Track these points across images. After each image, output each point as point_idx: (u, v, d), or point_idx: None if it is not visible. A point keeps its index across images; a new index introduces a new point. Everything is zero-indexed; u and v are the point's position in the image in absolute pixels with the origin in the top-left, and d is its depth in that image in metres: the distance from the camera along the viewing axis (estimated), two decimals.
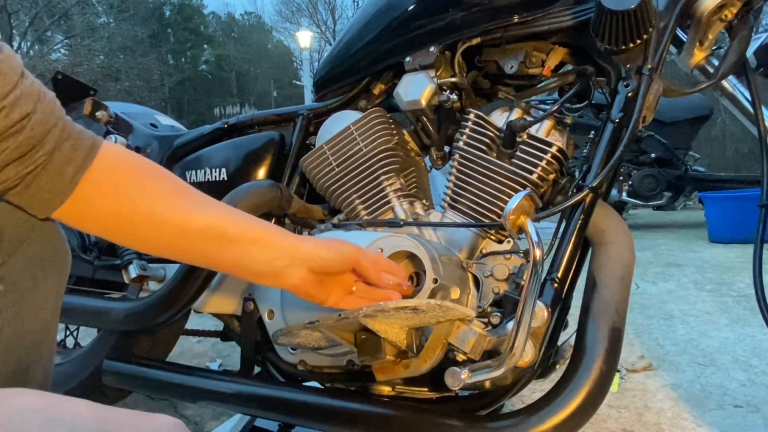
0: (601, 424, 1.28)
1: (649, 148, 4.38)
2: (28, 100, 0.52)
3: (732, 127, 11.86)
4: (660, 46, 0.81)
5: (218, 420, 1.33)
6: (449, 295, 0.77)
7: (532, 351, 0.71)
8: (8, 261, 0.57)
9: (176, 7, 28.44)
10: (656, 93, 0.82)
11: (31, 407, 0.40)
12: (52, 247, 0.62)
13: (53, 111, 0.55)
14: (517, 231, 0.72)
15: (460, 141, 0.88)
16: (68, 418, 0.40)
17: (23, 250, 0.59)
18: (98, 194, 0.58)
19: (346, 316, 0.64)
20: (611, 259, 0.79)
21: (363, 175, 0.93)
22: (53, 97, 0.56)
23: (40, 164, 0.54)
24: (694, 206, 5.43)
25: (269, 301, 0.95)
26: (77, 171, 0.56)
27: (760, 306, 0.79)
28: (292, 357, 0.93)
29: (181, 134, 1.33)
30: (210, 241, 0.62)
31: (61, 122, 0.55)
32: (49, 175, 0.55)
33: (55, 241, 0.62)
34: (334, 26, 24.02)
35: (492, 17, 0.89)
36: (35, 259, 0.60)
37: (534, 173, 0.83)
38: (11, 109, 0.51)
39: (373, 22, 1.00)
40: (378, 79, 1.03)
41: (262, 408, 0.91)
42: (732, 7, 0.82)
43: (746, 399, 1.39)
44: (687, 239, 4.06)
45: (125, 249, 1.15)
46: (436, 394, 0.84)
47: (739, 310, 2.19)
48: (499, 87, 0.99)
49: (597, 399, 0.72)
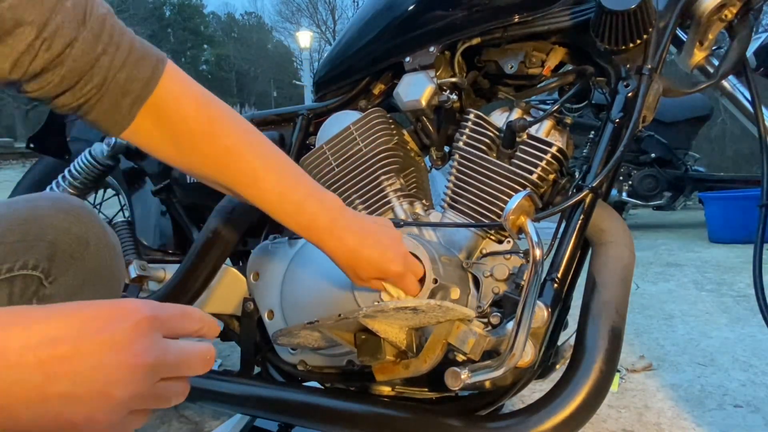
0: (601, 424, 1.28)
1: (649, 148, 4.37)
2: (69, 26, 0.48)
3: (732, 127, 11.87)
4: (660, 46, 0.81)
5: (218, 420, 1.33)
6: (449, 295, 0.77)
7: (532, 351, 0.71)
8: (58, 279, 0.55)
9: (176, 7, 28.46)
10: (656, 93, 0.82)
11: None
12: (107, 265, 0.59)
13: (100, 35, 0.51)
14: (517, 231, 0.72)
15: (460, 141, 0.88)
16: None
17: (75, 268, 0.56)
18: (158, 127, 0.56)
19: (346, 316, 0.64)
20: (611, 259, 0.79)
21: (363, 175, 0.93)
22: (103, 14, 0.51)
23: (91, 97, 0.52)
24: (694, 206, 5.42)
25: (269, 301, 0.95)
26: (134, 103, 0.54)
27: (760, 306, 0.79)
28: (291, 357, 0.93)
29: None
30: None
31: (111, 48, 0.51)
32: (104, 106, 0.53)
33: (109, 259, 0.60)
34: (334, 26, 24.02)
35: (492, 17, 0.89)
36: (87, 277, 0.57)
37: (534, 173, 0.83)
38: (52, 40, 0.48)
39: (373, 22, 1.00)
40: (378, 79, 1.03)
41: (262, 408, 0.91)
42: (732, 7, 0.82)
43: (746, 399, 1.39)
44: (687, 239, 4.06)
45: (125, 249, 1.16)
46: (436, 394, 0.84)
47: (739, 310, 2.19)
48: (499, 87, 0.99)
49: (597, 399, 0.72)
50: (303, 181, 0.66)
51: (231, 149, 0.61)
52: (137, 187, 1.37)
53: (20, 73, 0.48)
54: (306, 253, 0.92)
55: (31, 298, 0.55)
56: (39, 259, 0.54)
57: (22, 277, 0.54)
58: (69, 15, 0.48)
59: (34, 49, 0.47)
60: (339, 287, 0.84)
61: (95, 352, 0.35)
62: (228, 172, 0.62)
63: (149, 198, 1.33)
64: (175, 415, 1.37)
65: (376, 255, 0.69)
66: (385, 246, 0.69)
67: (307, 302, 0.89)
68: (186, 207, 1.28)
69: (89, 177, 1.30)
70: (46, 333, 0.34)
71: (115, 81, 0.52)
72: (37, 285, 0.55)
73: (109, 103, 0.53)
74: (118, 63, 0.52)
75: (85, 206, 0.60)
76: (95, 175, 1.30)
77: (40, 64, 0.48)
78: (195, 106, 0.58)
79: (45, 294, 0.55)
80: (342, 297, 0.83)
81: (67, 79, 0.50)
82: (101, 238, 0.58)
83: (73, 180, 1.30)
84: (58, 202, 0.58)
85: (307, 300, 0.89)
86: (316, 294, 0.87)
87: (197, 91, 0.59)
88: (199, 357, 0.40)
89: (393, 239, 0.71)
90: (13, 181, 1.65)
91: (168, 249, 1.30)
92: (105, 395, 0.35)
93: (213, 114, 0.60)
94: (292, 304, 0.91)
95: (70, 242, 0.56)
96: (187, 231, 1.27)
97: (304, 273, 0.90)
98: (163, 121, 0.57)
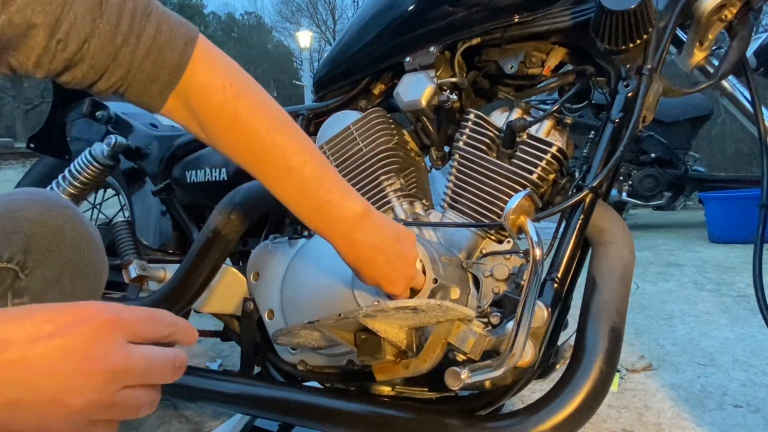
0: (601, 424, 1.28)
1: (649, 148, 4.37)
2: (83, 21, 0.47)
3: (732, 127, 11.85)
4: (660, 46, 0.81)
5: (218, 420, 1.33)
6: (449, 295, 0.77)
7: (532, 351, 0.71)
8: (34, 271, 0.55)
9: (176, 7, 28.44)
10: (656, 93, 0.82)
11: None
12: (84, 257, 0.58)
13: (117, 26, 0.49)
14: (517, 231, 0.72)
15: (460, 141, 0.88)
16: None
17: (51, 260, 0.56)
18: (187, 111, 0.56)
19: (346, 316, 0.64)
20: (611, 259, 0.79)
21: (363, 175, 0.93)
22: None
23: (120, 85, 0.51)
24: (694, 206, 5.42)
25: (269, 301, 0.95)
26: (164, 88, 0.53)
27: (760, 306, 0.79)
28: (292, 357, 0.93)
29: (181, 134, 1.33)
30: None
31: (132, 39, 0.50)
32: (135, 92, 0.52)
33: (87, 251, 0.59)
34: (334, 26, 24.02)
35: (492, 17, 0.89)
36: (64, 269, 0.56)
37: (534, 173, 0.83)
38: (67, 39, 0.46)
39: (373, 22, 1.00)
40: (378, 79, 1.03)
41: (262, 408, 0.91)
42: (732, 7, 0.82)
43: (746, 399, 1.39)
44: (687, 239, 4.06)
45: (125, 249, 1.15)
46: (436, 394, 0.84)
47: (739, 310, 2.19)
48: (499, 87, 0.99)
49: (597, 399, 0.72)
50: (327, 181, 0.63)
51: (255, 143, 0.59)
52: (137, 187, 1.37)
53: (44, 71, 0.48)
54: (306, 252, 0.92)
55: (6, 291, 0.54)
56: (14, 252, 0.54)
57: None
58: (82, 8, 0.47)
59: (51, 50, 0.46)
60: (339, 287, 0.84)
61: (47, 357, 0.33)
62: (252, 164, 0.60)
63: (149, 198, 1.33)
64: (175, 415, 1.37)
65: (381, 274, 0.68)
66: (393, 268, 0.68)
67: (307, 302, 0.89)
68: (186, 207, 1.28)
69: (89, 177, 1.30)
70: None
71: (141, 70, 0.51)
72: (12, 278, 0.54)
73: (138, 90, 0.52)
74: (141, 53, 0.51)
75: (61, 199, 0.60)
76: (95, 175, 1.30)
77: (60, 63, 0.48)
78: (221, 97, 0.56)
79: (20, 286, 0.55)
80: (342, 297, 0.83)
81: (90, 74, 0.49)
82: (78, 230, 0.58)
83: (73, 180, 1.30)
84: (33, 195, 0.57)
85: (307, 300, 0.89)
86: (316, 294, 0.87)
87: (226, 77, 0.56)
88: (168, 363, 0.38)
89: (405, 262, 0.69)
90: (13, 181, 1.65)
91: (168, 249, 1.30)
92: (57, 403, 0.33)
93: (240, 106, 0.57)
94: (292, 304, 0.91)
95: (46, 234, 0.55)
96: (187, 231, 1.27)
97: (304, 273, 0.91)
98: (191, 108, 0.56)
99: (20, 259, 0.54)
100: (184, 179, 1.23)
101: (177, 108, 0.56)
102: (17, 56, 0.46)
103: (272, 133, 0.59)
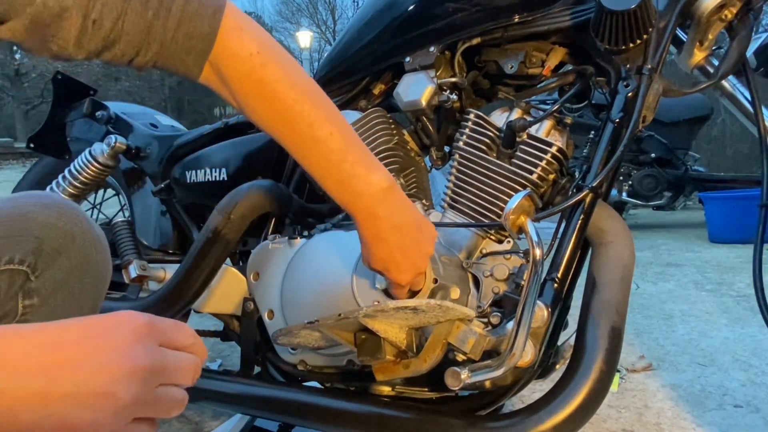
0: (601, 424, 1.28)
1: (649, 148, 4.37)
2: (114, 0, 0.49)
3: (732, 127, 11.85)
4: (660, 46, 0.81)
5: (218, 420, 1.33)
6: (449, 295, 0.77)
7: (532, 351, 0.71)
8: (44, 273, 0.56)
9: None
10: (656, 93, 0.82)
11: None
12: (92, 258, 0.60)
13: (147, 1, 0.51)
14: (517, 231, 0.72)
15: (460, 141, 0.88)
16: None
17: (61, 263, 0.57)
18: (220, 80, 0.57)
19: (346, 316, 0.64)
20: (611, 259, 0.79)
21: None
22: None
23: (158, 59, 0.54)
24: (694, 206, 5.42)
25: (269, 301, 0.95)
26: (198, 58, 0.55)
27: (760, 306, 0.79)
28: (292, 357, 0.93)
29: (181, 134, 1.33)
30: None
31: (162, 12, 0.52)
32: (173, 63, 0.55)
33: (95, 252, 0.60)
34: (334, 26, 24.01)
35: (492, 17, 0.89)
36: (73, 271, 0.58)
37: (534, 173, 0.83)
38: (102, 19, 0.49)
39: (373, 22, 1.00)
40: (378, 79, 1.03)
41: (262, 408, 0.91)
42: (732, 7, 0.82)
43: (746, 399, 1.39)
44: (687, 239, 4.06)
45: (125, 249, 1.15)
46: (436, 394, 0.84)
47: (739, 310, 2.19)
48: (499, 87, 0.99)
49: (597, 399, 0.72)
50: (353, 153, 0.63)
51: (282, 112, 0.59)
52: (137, 187, 1.37)
53: (85, 53, 0.51)
54: (306, 252, 0.92)
55: (17, 292, 0.55)
56: (25, 254, 0.55)
57: (9, 271, 0.55)
58: None
59: (87, 30, 0.49)
60: (339, 287, 0.84)
61: (96, 354, 0.36)
62: (281, 134, 0.61)
63: (149, 198, 1.33)
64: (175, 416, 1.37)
65: (392, 258, 0.68)
66: (406, 254, 0.68)
67: (307, 302, 0.89)
68: (186, 207, 1.28)
69: (89, 177, 1.30)
70: (47, 339, 0.35)
71: (174, 42, 0.53)
72: (23, 279, 0.55)
73: (176, 61, 0.55)
74: (173, 24, 0.53)
75: (69, 203, 0.61)
76: (95, 175, 1.30)
77: (99, 42, 0.50)
78: (248, 65, 0.57)
79: (30, 288, 0.56)
80: (342, 296, 0.83)
81: (128, 52, 0.52)
82: (87, 233, 0.59)
83: (73, 180, 1.30)
84: (43, 199, 0.59)
85: (307, 300, 0.89)
86: (316, 294, 0.87)
87: (253, 45, 0.57)
88: (192, 366, 0.41)
89: (420, 253, 0.69)
90: (13, 181, 1.65)
91: (168, 249, 1.30)
92: (109, 396, 0.35)
93: (267, 74, 0.58)
94: (292, 304, 0.91)
95: (57, 237, 0.57)
96: (187, 231, 1.27)
97: (304, 273, 0.91)
98: (221, 76, 0.57)
99: (31, 261, 0.55)
100: (184, 179, 1.23)
101: (212, 76, 0.58)
102: (57, 41, 0.49)
103: (300, 103, 0.59)
